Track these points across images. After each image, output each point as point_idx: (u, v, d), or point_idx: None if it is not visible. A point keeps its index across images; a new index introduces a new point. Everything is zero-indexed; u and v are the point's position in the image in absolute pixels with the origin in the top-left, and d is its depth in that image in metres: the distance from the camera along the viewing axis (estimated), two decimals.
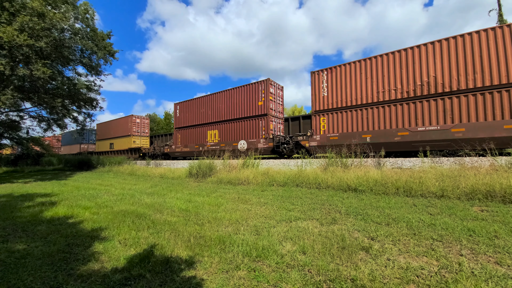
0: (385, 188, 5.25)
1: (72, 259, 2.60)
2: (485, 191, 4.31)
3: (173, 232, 3.30)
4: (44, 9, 10.53)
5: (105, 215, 4.35)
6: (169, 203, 5.16)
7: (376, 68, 10.50)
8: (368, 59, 10.76)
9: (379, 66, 10.43)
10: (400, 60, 9.98)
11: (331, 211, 4.10)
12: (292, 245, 2.76)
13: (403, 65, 9.92)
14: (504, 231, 2.85)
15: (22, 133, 17.21)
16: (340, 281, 1.99)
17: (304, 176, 6.79)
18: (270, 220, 3.73)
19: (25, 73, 10.96)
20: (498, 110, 8.00)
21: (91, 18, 13.44)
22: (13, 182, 10.90)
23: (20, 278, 2.22)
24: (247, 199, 5.27)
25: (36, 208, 5.06)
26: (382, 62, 10.36)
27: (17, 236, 3.41)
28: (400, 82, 9.90)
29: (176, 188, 7.29)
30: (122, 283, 2.09)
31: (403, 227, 3.17)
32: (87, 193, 6.99)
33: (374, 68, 10.56)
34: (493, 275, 1.98)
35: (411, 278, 2.00)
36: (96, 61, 14.58)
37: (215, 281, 2.08)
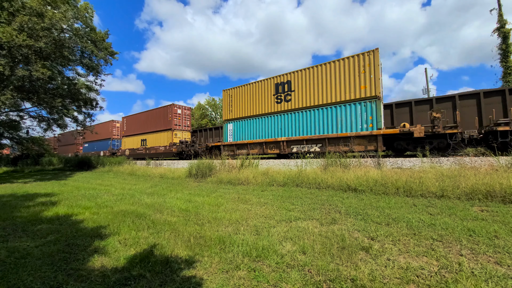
0: (385, 188, 5.25)
1: (72, 259, 2.60)
2: (485, 191, 4.31)
3: (173, 232, 3.30)
4: (43, 8, 10.52)
5: (105, 215, 4.35)
6: (169, 203, 5.16)
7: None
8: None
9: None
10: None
11: (331, 211, 4.10)
12: (292, 245, 2.76)
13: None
14: (504, 231, 2.86)
15: (22, 133, 17.20)
16: (340, 281, 1.99)
17: (304, 176, 6.79)
18: (270, 220, 3.73)
19: (25, 74, 10.95)
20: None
21: (89, 18, 13.43)
22: (13, 182, 10.90)
23: (20, 278, 2.22)
24: (247, 199, 5.27)
25: (36, 208, 5.06)
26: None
27: (17, 236, 3.41)
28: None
29: (176, 188, 7.29)
30: (122, 283, 2.09)
31: (403, 227, 3.17)
32: (87, 193, 6.99)
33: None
34: (493, 275, 1.98)
35: (411, 278, 2.01)
36: (97, 61, 14.58)
37: (215, 281, 2.08)
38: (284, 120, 12.51)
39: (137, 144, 23.07)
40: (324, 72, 11.39)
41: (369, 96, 10.05)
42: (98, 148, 28.88)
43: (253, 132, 13.77)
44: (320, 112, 11.32)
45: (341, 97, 10.76)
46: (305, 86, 11.94)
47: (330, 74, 11.16)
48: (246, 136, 14.08)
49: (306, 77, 11.97)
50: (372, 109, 9.90)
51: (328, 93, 11.18)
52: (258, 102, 13.68)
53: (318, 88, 11.50)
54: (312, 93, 11.70)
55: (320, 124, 11.31)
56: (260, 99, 13.62)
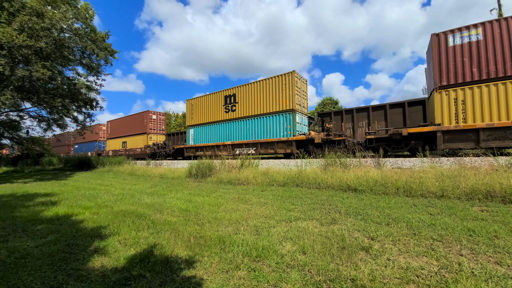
0: (385, 188, 5.25)
1: (72, 259, 2.60)
2: (485, 191, 4.31)
3: (173, 232, 3.30)
4: (43, 8, 10.51)
5: (105, 215, 4.35)
6: (169, 203, 5.16)
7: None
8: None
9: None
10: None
11: (331, 211, 4.10)
12: (292, 245, 2.76)
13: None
14: (504, 231, 2.85)
15: (22, 133, 17.20)
16: (340, 281, 1.99)
17: (304, 176, 6.79)
18: (270, 220, 3.73)
19: (25, 74, 10.95)
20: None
21: (90, 18, 13.43)
22: (13, 182, 10.90)
23: (20, 278, 2.22)
24: (247, 199, 5.27)
25: (36, 208, 5.06)
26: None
27: (17, 236, 3.41)
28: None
29: (176, 188, 7.29)
30: (122, 283, 2.09)
31: (403, 227, 3.17)
32: (87, 193, 6.99)
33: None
34: (493, 275, 1.98)
35: (411, 278, 2.01)
36: (97, 61, 14.58)
37: (215, 281, 2.08)
38: (230, 127, 15.10)
39: (119, 146, 25.87)
40: (259, 88, 13.79)
41: (288, 109, 12.49)
42: (87, 149, 31.21)
43: (209, 136, 16.47)
44: (256, 121, 13.85)
45: (270, 109, 13.27)
46: (246, 98, 14.39)
47: (263, 89, 13.58)
48: (203, 139, 16.77)
49: (247, 91, 14.37)
50: (290, 119, 12.36)
51: (261, 105, 13.67)
52: (212, 111, 16.35)
53: (254, 101, 13.95)
54: (250, 105, 14.19)
55: (255, 131, 13.83)
56: (213, 108, 16.29)
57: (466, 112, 8.32)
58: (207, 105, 16.72)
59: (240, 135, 14.50)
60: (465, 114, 8.33)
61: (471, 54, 8.43)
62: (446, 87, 8.75)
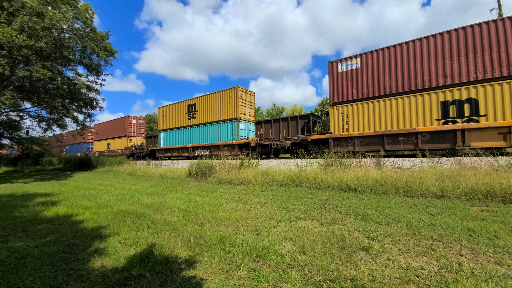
0: (385, 188, 5.25)
1: (72, 259, 2.60)
2: (485, 191, 4.31)
3: (173, 232, 3.30)
4: (43, 8, 10.51)
5: (105, 215, 4.35)
6: (169, 203, 5.16)
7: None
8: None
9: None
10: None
11: (331, 211, 4.10)
12: (292, 245, 2.76)
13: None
14: (504, 231, 2.86)
15: (22, 133, 17.20)
16: (340, 281, 1.99)
17: (304, 176, 6.79)
18: (270, 220, 3.73)
19: (25, 74, 10.95)
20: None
21: (90, 18, 13.43)
22: (13, 182, 10.90)
23: (20, 278, 2.22)
24: (247, 199, 5.27)
25: (36, 208, 5.06)
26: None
27: (17, 236, 3.41)
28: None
29: (176, 188, 7.29)
30: (122, 283, 2.09)
31: (403, 227, 3.17)
32: (87, 193, 6.99)
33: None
34: (493, 275, 1.98)
35: (411, 278, 2.01)
36: (97, 62, 14.58)
37: (215, 281, 2.08)
38: (191, 132, 17.55)
39: (104, 147, 28.44)
40: (213, 99, 16.14)
41: (233, 117, 14.82)
42: (77, 150, 33.83)
43: (175, 139, 18.75)
44: (210, 127, 16.29)
45: (220, 117, 15.59)
46: (203, 108, 16.82)
47: (216, 100, 15.97)
48: (171, 142, 19.09)
49: (204, 101, 16.78)
50: (234, 126, 14.75)
51: (214, 114, 16.04)
52: (178, 118, 18.68)
53: (210, 110, 16.36)
54: (207, 113, 16.55)
55: (210, 135, 16.22)
56: (179, 115, 18.62)
57: (348, 124, 10.74)
58: (174, 112, 19.16)
59: (198, 139, 17.02)
60: (348, 125, 10.74)
61: (352, 78, 10.79)
62: (337, 103, 11.13)
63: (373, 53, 10.31)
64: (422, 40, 9.21)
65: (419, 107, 9.10)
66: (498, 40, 7.87)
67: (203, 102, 16.74)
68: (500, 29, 7.88)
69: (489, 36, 8.02)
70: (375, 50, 10.28)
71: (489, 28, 8.03)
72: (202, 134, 16.71)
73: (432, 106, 8.84)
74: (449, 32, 8.69)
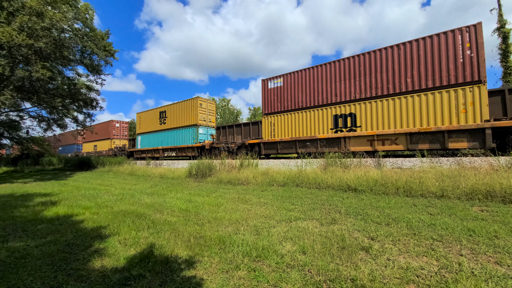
0: (385, 188, 5.25)
1: (72, 259, 2.60)
2: (485, 191, 4.31)
3: (173, 232, 3.30)
4: (43, 8, 10.51)
5: (105, 215, 4.35)
6: (169, 203, 5.16)
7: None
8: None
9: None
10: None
11: (331, 211, 4.10)
12: (292, 245, 2.76)
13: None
14: (504, 231, 2.86)
15: (22, 133, 17.19)
16: (340, 281, 1.99)
17: (304, 176, 6.79)
18: (270, 220, 3.73)
19: (25, 74, 10.94)
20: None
21: (90, 19, 13.43)
22: (13, 182, 10.90)
23: (20, 278, 2.22)
24: (247, 199, 5.27)
25: (36, 208, 5.06)
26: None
27: (17, 236, 3.41)
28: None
29: (176, 188, 7.29)
30: (122, 283, 2.09)
31: (403, 227, 3.17)
32: (87, 193, 6.99)
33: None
34: (493, 275, 1.98)
35: (411, 278, 2.01)
36: (97, 62, 14.58)
37: (215, 281, 2.08)
38: (162, 136, 19.74)
39: (92, 148, 30.76)
40: (179, 107, 18.45)
41: (194, 124, 17.04)
42: (68, 151, 35.75)
43: (150, 142, 21.03)
44: (177, 131, 18.47)
45: (184, 123, 17.83)
46: (172, 114, 19.05)
47: (181, 108, 18.22)
48: (146, 145, 21.32)
49: (172, 108, 19.03)
50: (194, 131, 16.99)
51: (180, 120, 18.22)
52: (152, 123, 20.84)
53: (176, 116, 18.59)
54: (174, 119, 18.79)
55: (176, 139, 18.42)
56: (153, 121, 20.81)
57: (274, 131, 12.93)
58: (149, 118, 21.47)
59: (168, 142, 19.24)
60: (274, 132, 12.94)
61: (277, 94, 13.03)
62: (267, 114, 13.39)
63: (292, 74, 12.57)
64: (322, 66, 11.49)
65: (319, 119, 11.41)
66: (365, 69, 10.21)
67: (172, 110, 19.25)
68: (367, 60, 10.20)
69: (364, 65, 10.26)
70: (293, 72, 12.52)
71: (362, 58, 10.35)
72: (170, 138, 19.12)
73: (328, 118, 11.16)
74: (339, 60, 11.02)
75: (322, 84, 11.39)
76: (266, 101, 13.51)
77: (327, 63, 11.35)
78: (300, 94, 12.15)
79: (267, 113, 13.33)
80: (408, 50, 9.31)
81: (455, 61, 8.43)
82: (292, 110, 12.38)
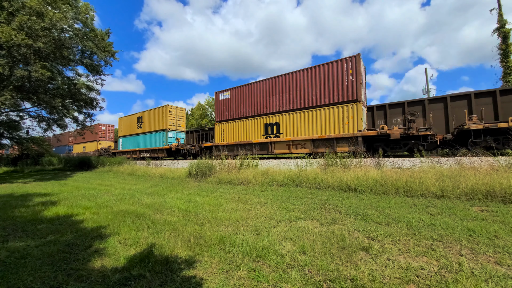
0: (385, 188, 5.25)
1: (72, 259, 2.60)
2: (485, 191, 4.31)
3: (173, 232, 3.30)
4: (43, 8, 10.51)
5: (105, 215, 4.35)
6: (169, 203, 5.16)
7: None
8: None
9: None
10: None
11: (331, 211, 4.10)
12: (292, 245, 2.76)
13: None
14: (504, 231, 2.86)
15: (22, 133, 17.19)
16: (340, 281, 1.99)
17: (304, 176, 6.79)
18: (270, 220, 3.73)
19: (24, 74, 10.93)
20: None
21: (90, 19, 13.42)
22: (13, 182, 10.90)
23: (20, 278, 2.22)
24: (247, 199, 5.27)
25: (36, 208, 5.06)
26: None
27: (17, 236, 3.41)
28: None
29: (176, 188, 7.29)
30: (122, 283, 2.09)
31: (403, 227, 3.17)
32: (87, 193, 6.99)
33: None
34: (493, 275, 1.98)
35: (411, 278, 2.01)
36: (97, 62, 14.57)
37: (215, 281, 2.08)
38: (140, 138, 22.46)
39: (81, 149, 33.50)
40: (152, 113, 21.12)
41: (164, 128, 19.65)
42: (60, 152, 37.50)
43: (129, 144, 23.72)
44: (151, 135, 21.11)
45: (156, 128, 20.45)
46: (147, 119, 21.74)
47: (154, 115, 20.92)
48: (127, 146, 24.03)
49: (147, 114, 21.70)
50: (164, 135, 19.61)
51: (153, 125, 20.90)
52: (131, 127, 23.56)
53: (150, 121, 21.24)
54: (149, 124, 21.44)
55: (150, 141, 21.09)
56: (132, 125, 23.57)
57: (224, 136, 15.32)
58: (129, 122, 24.15)
59: (144, 144, 21.87)
60: (223, 137, 15.35)
61: (226, 105, 15.39)
62: (218, 121, 15.68)
63: (236, 88, 14.94)
64: (258, 82, 13.91)
65: (255, 127, 13.83)
66: (286, 87, 12.65)
67: (147, 116, 22.00)
68: (287, 79, 12.66)
69: (285, 83, 12.73)
70: (238, 86, 14.89)
71: (284, 78, 12.82)
72: (146, 140, 21.79)
73: (261, 126, 13.57)
74: (269, 79, 13.41)
75: (257, 98, 13.84)
76: (218, 110, 15.92)
77: (261, 80, 13.79)
78: (242, 105, 14.58)
79: (218, 121, 15.73)
80: (313, 73, 11.70)
81: (342, 84, 10.78)
82: (236, 119, 14.80)
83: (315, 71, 11.63)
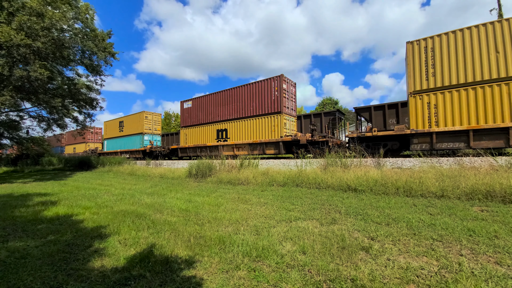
0: (385, 188, 5.25)
1: (72, 259, 2.60)
2: (485, 191, 4.31)
3: (173, 232, 3.30)
4: (43, 8, 10.50)
5: (105, 215, 4.35)
6: (169, 203, 5.16)
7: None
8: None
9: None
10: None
11: (331, 211, 4.10)
12: (292, 245, 2.76)
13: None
14: (504, 231, 2.86)
15: (22, 133, 17.18)
16: (340, 281, 1.99)
17: (304, 176, 6.79)
18: (270, 220, 3.73)
19: (23, 74, 10.93)
20: None
21: (90, 19, 13.40)
22: (13, 182, 10.90)
23: (20, 278, 2.22)
24: (247, 199, 5.27)
25: (36, 208, 5.06)
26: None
27: (17, 236, 3.41)
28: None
29: (176, 188, 7.29)
30: (122, 283, 2.09)
31: (403, 227, 3.17)
32: (87, 193, 6.99)
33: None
34: (493, 275, 1.98)
35: (411, 278, 2.01)
36: (97, 62, 14.55)
37: (215, 281, 2.08)
38: (121, 141, 25.53)
39: (72, 150, 35.96)
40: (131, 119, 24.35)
41: (140, 132, 22.69)
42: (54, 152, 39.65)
43: (112, 146, 26.74)
44: (130, 138, 24.11)
45: (134, 131, 23.57)
46: (127, 124, 24.75)
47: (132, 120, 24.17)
48: (111, 148, 27.03)
49: (127, 119, 24.72)
50: (141, 138, 22.60)
51: (132, 128, 23.87)
52: (114, 130, 26.65)
53: (129, 126, 24.19)
54: (128, 128, 24.34)
55: (129, 144, 24.07)
56: (115, 129, 26.62)
57: (187, 139, 18.20)
58: (112, 126, 27.05)
59: (125, 146, 24.69)
60: (187, 140, 18.21)
61: (189, 112, 18.22)
62: (183, 127, 18.61)
63: (197, 99, 17.68)
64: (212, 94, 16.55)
65: (209, 132, 16.57)
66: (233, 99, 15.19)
67: (127, 120, 24.72)
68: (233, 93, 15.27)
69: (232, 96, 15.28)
70: (198, 97, 17.63)
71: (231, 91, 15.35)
72: (126, 142, 24.58)
73: (214, 132, 16.29)
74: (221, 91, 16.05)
75: (212, 107, 16.51)
76: (182, 117, 18.80)
77: (215, 93, 16.40)
78: (200, 113, 17.36)
79: (183, 126, 18.61)
80: (251, 88, 14.30)
81: (270, 98, 13.43)
82: (196, 125, 17.57)
83: (252, 87, 14.29)
